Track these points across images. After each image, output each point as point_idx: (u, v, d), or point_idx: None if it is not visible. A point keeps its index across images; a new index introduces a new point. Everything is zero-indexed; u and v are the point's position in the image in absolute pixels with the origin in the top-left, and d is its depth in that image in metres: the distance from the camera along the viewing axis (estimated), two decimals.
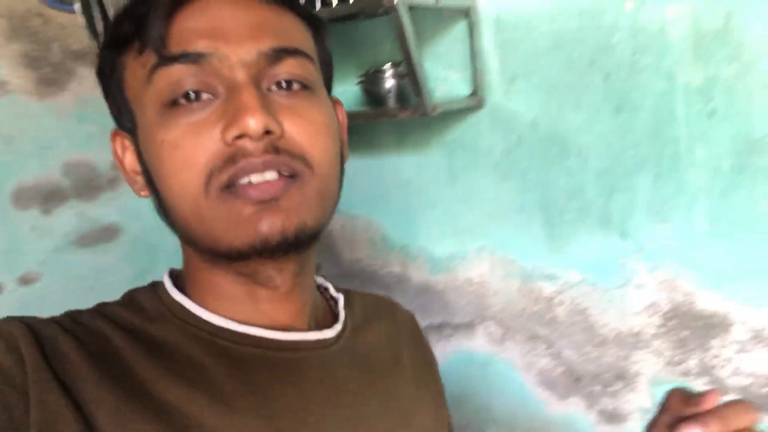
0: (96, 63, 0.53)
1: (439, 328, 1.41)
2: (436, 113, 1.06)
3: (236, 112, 0.44)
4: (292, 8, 0.51)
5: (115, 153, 0.54)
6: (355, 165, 1.48)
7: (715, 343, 1.03)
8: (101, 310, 0.51)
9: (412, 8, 0.99)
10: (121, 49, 0.50)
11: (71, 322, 0.48)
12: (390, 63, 1.19)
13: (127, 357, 0.46)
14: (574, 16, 1.03)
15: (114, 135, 0.54)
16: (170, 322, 0.50)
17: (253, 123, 0.44)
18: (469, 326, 1.35)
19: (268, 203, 0.46)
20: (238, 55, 0.46)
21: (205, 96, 0.46)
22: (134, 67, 0.49)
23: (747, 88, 0.90)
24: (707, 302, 1.02)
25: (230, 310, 0.51)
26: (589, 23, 1.02)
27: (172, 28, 0.46)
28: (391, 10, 0.96)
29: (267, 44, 0.47)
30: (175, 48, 0.46)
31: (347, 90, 1.38)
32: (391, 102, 1.18)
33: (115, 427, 0.43)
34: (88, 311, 0.51)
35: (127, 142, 0.53)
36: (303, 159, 0.47)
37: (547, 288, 1.20)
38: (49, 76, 1.26)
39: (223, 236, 0.47)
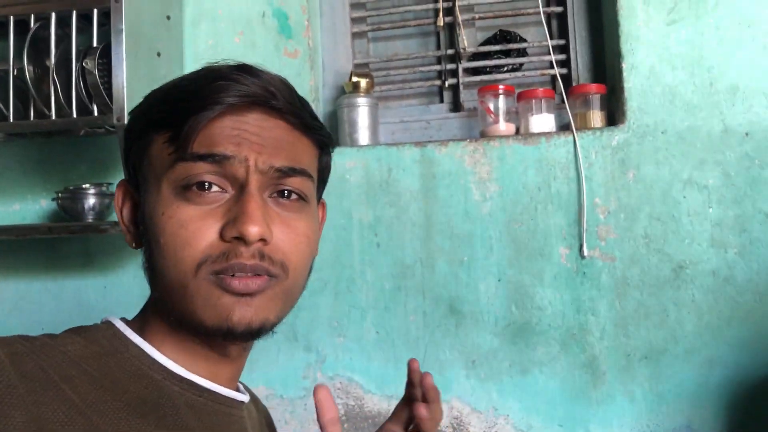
0: (127, 123, 0.58)
1: None
2: None
3: (239, 216, 0.51)
4: (309, 133, 0.58)
5: (117, 200, 0.58)
6: (32, 286, 1.37)
7: None
8: (50, 338, 0.52)
9: None
10: (154, 127, 0.54)
11: (31, 345, 0.49)
12: (92, 183, 1.22)
13: (80, 386, 0.48)
14: None
15: (121, 184, 0.59)
16: (125, 360, 0.53)
17: (253, 231, 0.50)
18: None
19: (243, 297, 0.52)
20: (255, 162, 0.52)
21: (215, 188, 0.52)
22: (160, 148, 0.53)
23: (401, 226, 1.21)
24: (374, 404, 1.23)
25: (180, 360, 0.55)
26: None
27: (203, 131, 0.52)
28: (119, 128, 1.02)
29: (280, 162, 0.54)
30: (202, 149, 0.51)
31: (28, 206, 1.31)
32: (91, 219, 1.19)
33: None
34: (38, 338, 0.51)
35: (129, 197, 0.58)
36: (282, 265, 0.53)
37: None
38: None
39: (198, 312, 0.52)
